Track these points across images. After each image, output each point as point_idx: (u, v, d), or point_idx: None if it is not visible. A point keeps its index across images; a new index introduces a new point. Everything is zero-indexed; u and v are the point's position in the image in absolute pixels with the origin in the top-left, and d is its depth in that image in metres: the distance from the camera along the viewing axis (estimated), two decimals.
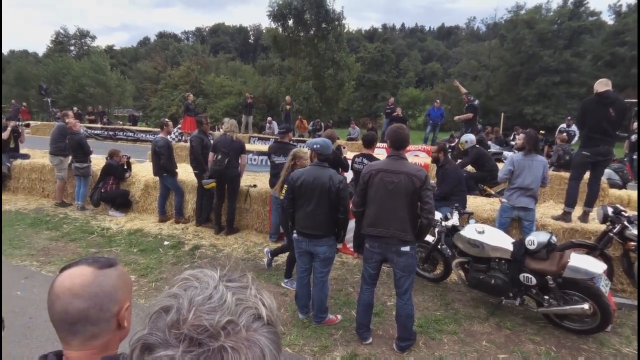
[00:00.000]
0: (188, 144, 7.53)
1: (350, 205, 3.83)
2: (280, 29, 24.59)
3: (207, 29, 72.56)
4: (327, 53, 23.91)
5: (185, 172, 7.40)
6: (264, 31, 36.96)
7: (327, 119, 19.62)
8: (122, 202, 7.57)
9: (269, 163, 6.73)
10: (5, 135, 8.62)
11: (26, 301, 4.33)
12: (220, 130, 6.50)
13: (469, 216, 4.95)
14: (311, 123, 18.21)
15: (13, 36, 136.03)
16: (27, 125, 16.93)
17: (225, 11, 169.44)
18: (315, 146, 4.00)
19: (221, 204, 6.64)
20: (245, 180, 7.15)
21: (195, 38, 68.99)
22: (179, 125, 15.09)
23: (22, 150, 9.30)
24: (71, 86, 31.82)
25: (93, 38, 53.91)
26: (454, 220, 4.51)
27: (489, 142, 10.46)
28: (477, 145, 7.49)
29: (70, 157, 7.77)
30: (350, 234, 5.54)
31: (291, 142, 6.41)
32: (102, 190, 7.44)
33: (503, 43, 36.23)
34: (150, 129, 19.87)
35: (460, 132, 10.08)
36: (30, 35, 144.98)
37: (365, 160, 5.49)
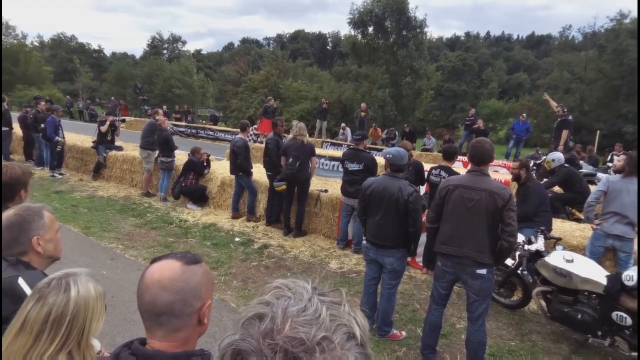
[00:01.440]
0: (263, 145, 7.76)
1: (424, 219, 3.66)
2: (359, 36, 24.64)
3: (287, 35, 74.95)
4: (406, 61, 23.49)
5: (259, 172, 7.63)
6: (343, 38, 37.28)
7: (401, 128, 19.18)
8: (200, 197, 7.99)
9: (341, 169, 6.72)
10: (104, 128, 9.54)
11: (110, 281, 4.70)
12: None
13: (556, 242, 4.51)
14: (385, 131, 17.96)
15: (116, 40, 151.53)
16: (123, 121, 18.53)
17: (306, 18, 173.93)
18: (387, 155, 3.92)
19: (290, 206, 6.74)
20: (317, 184, 7.21)
21: (275, 44, 71.68)
22: (255, 126, 15.70)
23: (117, 143, 10.19)
24: (161, 86, 34.49)
25: (184, 43, 58.24)
26: (539, 244, 4.13)
27: (581, 162, 9.52)
28: (566, 165, 6.85)
29: (157, 152, 8.38)
30: (421, 248, 5.34)
31: (366, 150, 6.33)
32: (183, 184, 7.92)
33: (602, 54, 32.97)
34: (229, 129, 20.88)
35: (549, 149, 9.29)
36: (130, 40, 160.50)
37: (443, 173, 5.26)
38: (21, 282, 1.61)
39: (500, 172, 10.34)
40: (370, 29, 24.19)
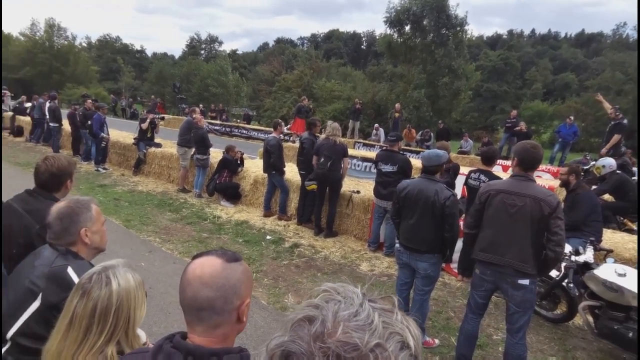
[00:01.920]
0: (296, 144, 7.76)
1: (461, 225, 3.53)
2: (395, 35, 24.27)
3: (321, 35, 75.15)
4: (444, 60, 22.93)
5: (291, 171, 7.63)
6: (378, 37, 36.90)
7: (435, 129, 18.71)
8: (233, 194, 8.08)
9: (374, 170, 6.62)
10: (144, 126, 9.86)
11: (148, 272, 4.82)
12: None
13: (607, 254, 4.23)
14: (420, 132, 17.61)
15: (157, 41, 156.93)
16: (162, 119, 19.09)
17: (340, 18, 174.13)
18: (421, 157, 3.81)
19: (322, 207, 6.69)
20: (349, 185, 7.14)
21: (309, 44, 71.98)
22: (288, 126, 15.77)
23: (156, 140, 10.49)
24: (198, 85, 35.34)
25: (220, 43, 59.51)
26: (587, 256, 3.89)
27: (634, 169, 8.93)
28: (618, 171, 6.44)
29: (193, 149, 8.55)
30: (456, 255, 5.17)
31: (400, 151, 6.20)
32: (217, 182, 8.04)
33: None
34: (262, 127, 21.09)
35: (598, 154, 8.76)
36: (170, 40, 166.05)
37: (482, 177, 5.05)
38: (70, 271, 1.69)
39: (543, 178, 9.88)
40: (407, 28, 23.73)
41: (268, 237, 6.46)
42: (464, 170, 5.97)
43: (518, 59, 45.46)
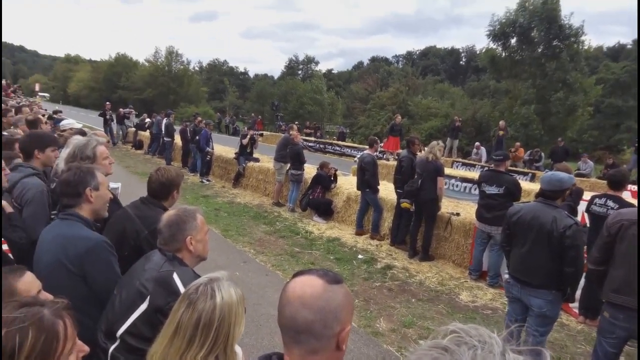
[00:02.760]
0: (390, 162, 7.55)
1: (585, 260, 3.03)
2: (499, 49, 22.93)
3: (417, 52, 74.03)
4: (557, 73, 20.96)
5: (385, 189, 7.42)
6: (479, 52, 35.22)
7: (547, 149, 16.96)
8: (325, 210, 8.10)
9: (475, 192, 6.15)
10: (245, 141, 10.48)
11: (242, 283, 4.94)
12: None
13: None
14: (528, 152, 16.14)
15: (259, 63, 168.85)
16: (261, 135, 20.20)
17: (438, 34, 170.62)
18: (541, 179, 3.38)
19: (418, 228, 6.37)
20: (447, 206, 6.71)
21: (405, 61, 71.29)
22: (381, 144, 15.58)
23: (255, 155, 11.07)
24: (295, 104, 37.02)
25: (317, 63, 61.72)
26: None
27: None
28: None
29: (288, 164, 8.79)
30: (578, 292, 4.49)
31: (507, 172, 5.66)
32: (311, 197, 8.13)
33: None
34: (356, 145, 21.19)
35: None
36: (271, 62, 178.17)
37: (610, 204, 4.36)
38: (175, 277, 1.76)
39: None
40: (513, 41, 22.31)
41: (360, 256, 6.30)
42: (586, 195, 5.21)
43: None
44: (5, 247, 2.12)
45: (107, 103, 17.14)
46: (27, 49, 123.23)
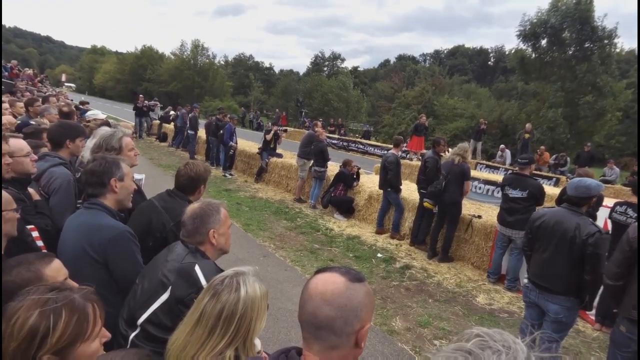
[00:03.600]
0: (414, 162, 7.50)
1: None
2: (529, 50, 22.36)
3: (445, 51, 72.71)
4: (587, 76, 20.31)
5: (408, 189, 7.39)
6: (508, 52, 34.38)
7: (574, 153, 16.49)
8: (346, 208, 8.12)
9: (498, 195, 6.06)
10: (269, 137, 10.55)
11: (261, 276, 4.98)
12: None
13: None
14: (554, 156, 15.72)
15: (284, 58, 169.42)
16: (285, 131, 20.32)
17: (467, 33, 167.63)
18: (568, 184, 3.32)
19: (439, 229, 6.32)
20: (469, 208, 6.63)
21: (432, 60, 70.18)
22: (405, 144, 15.45)
23: (278, 150, 11.12)
24: (320, 100, 36.99)
25: (342, 60, 61.33)
26: None
27: None
28: None
29: (312, 161, 8.84)
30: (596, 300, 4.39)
31: (532, 176, 5.55)
32: (332, 194, 8.16)
33: None
34: (379, 143, 21.07)
35: None
36: (296, 58, 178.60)
37: (630, 212, 4.22)
38: (197, 269, 1.78)
39: None
40: (544, 42, 21.72)
41: (379, 254, 6.30)
42: (608, 202, 5.06)
43: None
44: (35, 233, 2.18)
45: (140, 95, 17.44)
46: (54, 40, 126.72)
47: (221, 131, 11.57)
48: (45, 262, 1.47)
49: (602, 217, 4.73)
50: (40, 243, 2.18)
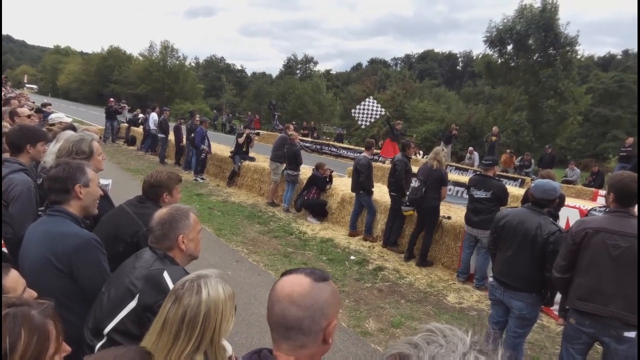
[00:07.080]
0: (386, 165, 7.61)
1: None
2: (495, 55, 23.13)
3: (415, 56, 74.19)
4: (550, 81, 21.19)
5: (380, 192, 7.48)
6: (475, 57, 35.40)
7: (537, 155, 17.17)
8: (320, 211, 8.14)
9: (466, 196, 6.23)
10: (241, 140, 10.46)
11: (234, 282, 4.96)
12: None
13: None
14: (519, 158, 16.32)
15: (256, 61, 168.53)
16: (258, 134, 20.22)
17: (436, 39, 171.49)
18: (534, 186, 3.45)
19: (418, 233, 6.39)
20: (440, 210, 6.77)
21: (403, 64, 71.40)
22: (377, 148, 15.64)
23: (251, 154, 11.05)
24: (294, 103, 36.94)
25: (315, 63, 61.57)
26: None
27: None
28: None
29: (284, 164, 8.82)
30: (558, 295, 4.57)
31: (496, 177, 5.74)
32: (305, 198, 8.18)
33: None
34: (352, 146, 21.23)
35: None
36: (269, 60, 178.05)
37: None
38: (165, 275, 1.75)
39: None
40: (509, 47, 22.50)
41: (352, 257, 6.35)
42: (570, 202, 5.30)
43: (634, 81, 40.45)
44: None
45: (111, 99, 16.90)
46: (14, 39, 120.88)
47: (192, 134, 11.40)
48: (4, 273, 1.40)
49: (564, 217, 4.94)
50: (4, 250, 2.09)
